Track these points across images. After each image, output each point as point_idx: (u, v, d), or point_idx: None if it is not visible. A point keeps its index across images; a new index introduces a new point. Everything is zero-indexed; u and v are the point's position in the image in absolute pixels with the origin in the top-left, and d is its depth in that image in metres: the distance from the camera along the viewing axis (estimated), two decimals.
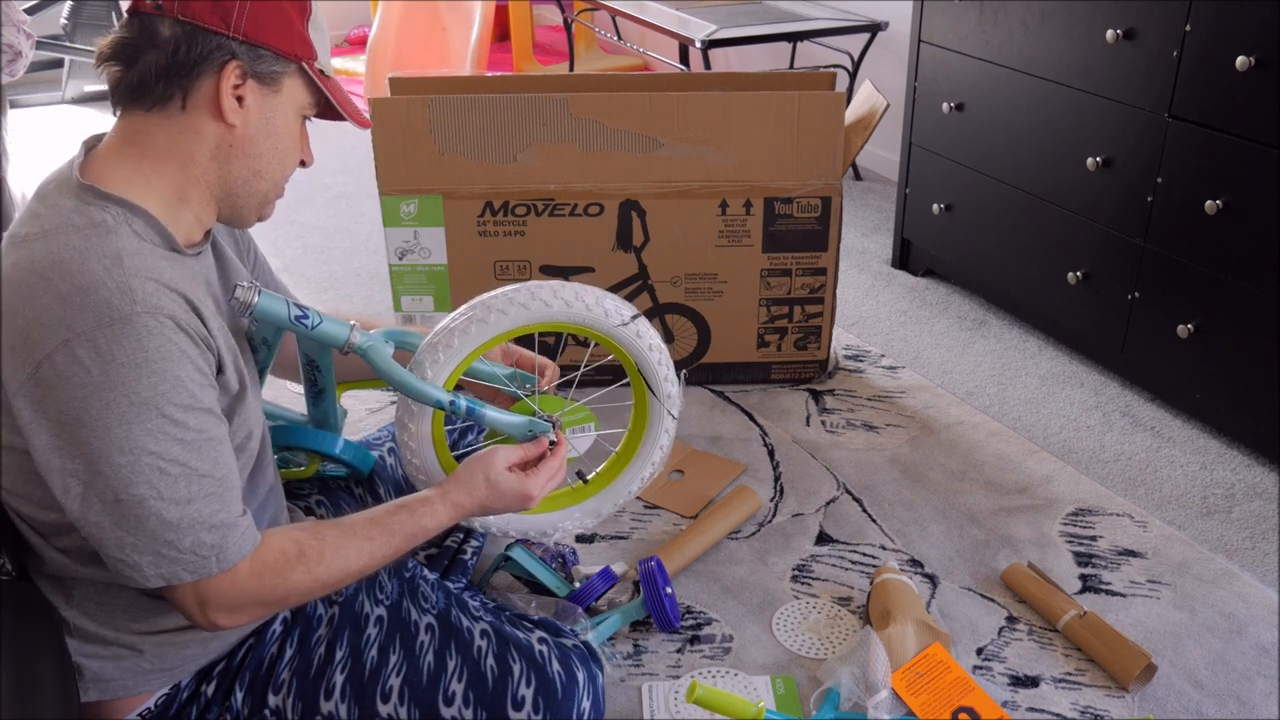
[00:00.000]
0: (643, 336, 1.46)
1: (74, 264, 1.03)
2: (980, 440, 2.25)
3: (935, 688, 1.56)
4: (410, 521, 1.25)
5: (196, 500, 1.07)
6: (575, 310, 1.40)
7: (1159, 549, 1.91)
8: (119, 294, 1.03)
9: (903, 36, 3.48)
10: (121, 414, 1.02)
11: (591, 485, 1.58)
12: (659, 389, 1.51)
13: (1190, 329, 2.17)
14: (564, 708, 1.29)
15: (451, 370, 1.39)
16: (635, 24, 4.14)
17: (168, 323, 1.05)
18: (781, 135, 2.21)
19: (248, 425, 1.21)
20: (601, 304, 1.42)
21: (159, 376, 1.03)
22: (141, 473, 1.03)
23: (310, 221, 3.45)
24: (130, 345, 1.02)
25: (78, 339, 1.01)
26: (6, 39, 2.39)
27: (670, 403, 1.52)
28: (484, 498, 1.31)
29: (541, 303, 1.38)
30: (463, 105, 2.18)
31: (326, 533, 1.19)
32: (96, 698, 1.19)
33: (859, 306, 2.88)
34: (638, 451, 1.56)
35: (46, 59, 4.65)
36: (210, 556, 1.08)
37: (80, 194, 1.09)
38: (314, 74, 1.19)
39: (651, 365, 1.48)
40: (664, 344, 1.50)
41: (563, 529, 1.56)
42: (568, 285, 1.40)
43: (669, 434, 1.56)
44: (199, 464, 1.07)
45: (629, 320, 1.44)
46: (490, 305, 1.38)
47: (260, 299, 1.20)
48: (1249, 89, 1.96)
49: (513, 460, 1.34)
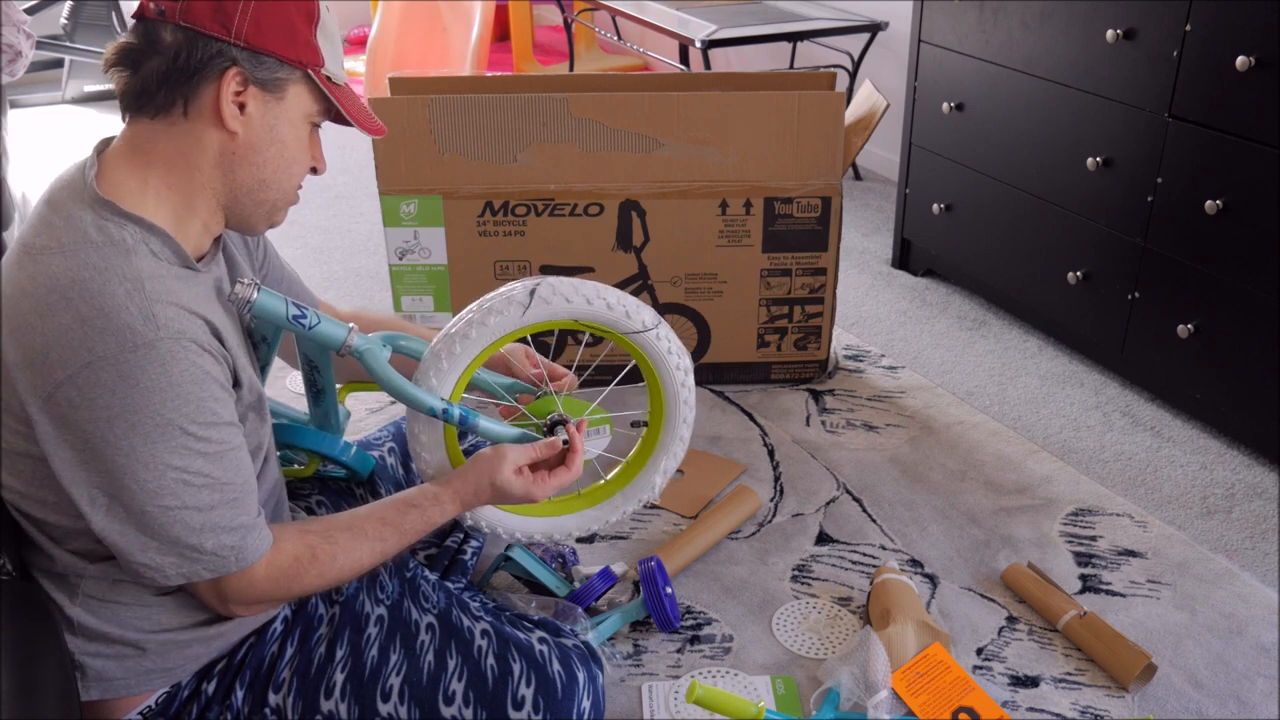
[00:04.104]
0: (663, 341, 1.43)
1: (95, 285, 1.04)
2: (980, 440, 2.25)
3: (935, 688, 1.56)
4: (420, 519, 1.29)
5: (219, 507, 1.10)
6: (596, 309, 1.37)
7: (1159, 549, 1.91)
8: (142, 320, 1.04)
9: (903, 36, 3.49)
10: (146, 434, 1.04)
11: (605, 488, 1.58)
12: (674, 399, 1.49)
13: (1190, 329, 2.17)
14: (564, 707, 1.29)
15: (466, 365, 1.37)
16: (635, 24, 4.14)
17: (191, 346, 1.06)
18: (781, 135, 2.21)
19: (258, 435, 1.23)
20: (624, 304, 1.39)
21: (183, 399, 1.05)
22: (167, 486, 1.06)
23: (310, 221, 3.45)
24: (154, 370, 1.03)
25: (100, 362, 1.02)
26: (6, 39, 2.39)
27: (686, 409, 1.51)
28: (489, 498, 1.35)
29: (563, 298, 1.35)
30: (463, 105, 2.18)
31: (339, 536, 1.23)
32: (98, 696, 1.19)
33: (859, 306, 2.88)
34: (654, 453, 1.55)
35: (46, 59, 4.65)
36: (230, 557, 1.12)
37: (96, 208, 1.09)
38: (320, 81, 1.17)
39: (670, 372, 1.46)
40: (686, 353, 1.48)
41: (578, 531, 1.56)
42: (587, 283, 1.38)
43: (683, 440, 1.54)
44: (221, 474, 1.10)
45: (652, 326, 1.41)
46: (511, 297, 1.34)
47: (259, 296, 1.20)
48: (1249, 89, 1.96)
49: (522, 462, 1.34)
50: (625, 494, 1.56)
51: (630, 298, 1.41)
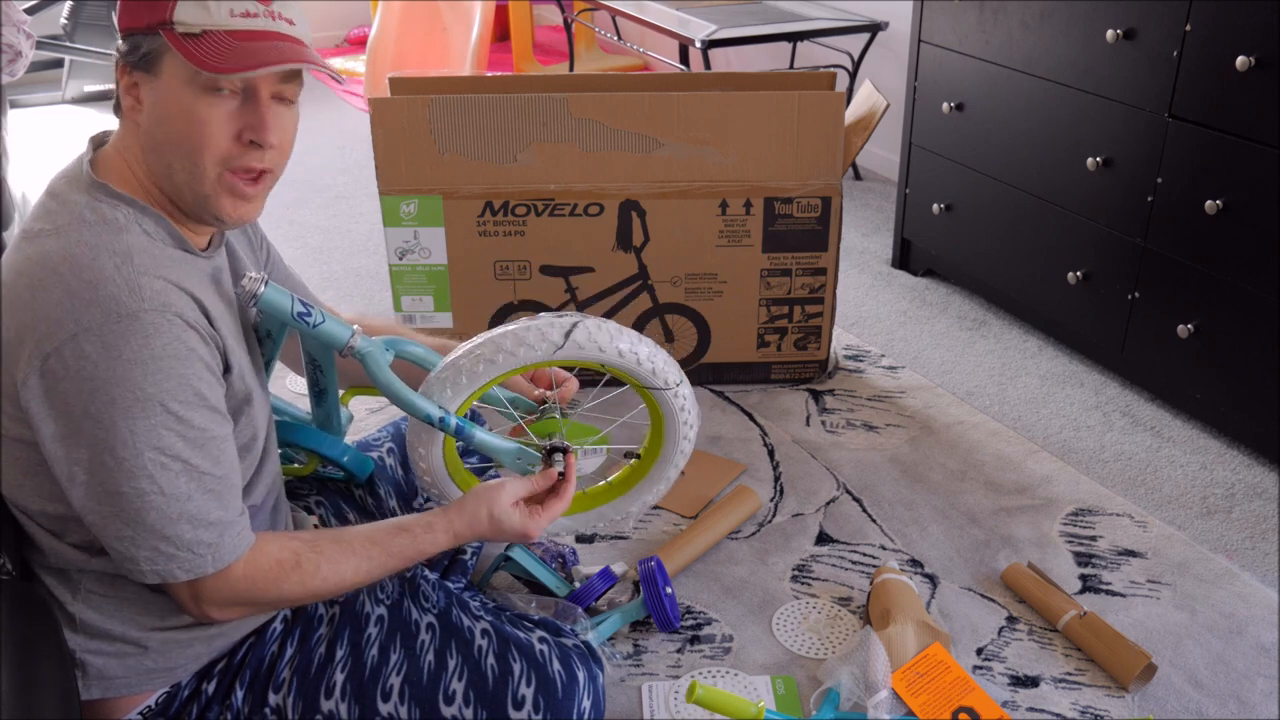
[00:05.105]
0: (679, 399, 1.43)
1: (85, 260, 1.05)
2: (980, 440, 2.25)
3: (935, 688, 1.56)
4: (410, 545, 1.27)
5: (195, 497, 1.08)
6: (626, 362, 1.36)
7: (1159, 549, 1.91)
8: (127, 291, 1.04)
9: (903, 36, 3.49)
10: (126, 409, 1.04)
11: (582, 501, 1.58)
12: (673, 448, 1.49)
13: (1190, 329, 2.17)
14: (564, 707, 1.29)
15: (481, 387, 1.36)
16: (635, 24, 4.14)
17: (176, 320, 1.06)
18: (781, 135, 2.21)
19: (254, 426, 1.22)
20: (653, 360, 1.38)
21: (164, 374, 1.05)
22: (143, 467, 1.05)
23: (310, 221, 3.45)
24: (136, 342, 1.04)
25: (85, 333, 1.03)
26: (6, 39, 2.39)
27: (681, 458, 1.51)
28: (485, 531, 1.31)
29: (596, 346, 1.33)
30: (463, 105, 2.18)
31: (325, 546, 1.21)
32: (99, 695, 1.19)
33: (859, 306, 2.88)
34: (637, 485, 1.56)
35: (46, 59, 4.64)
36: (206, 555, 1.10)
37: (91, 190, 1.12)
38: (170, 39, 1.06)
39: (678, 427, 1.46)
40: (697, 409, 1.47)
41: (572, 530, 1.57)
42: (624, 332, 1.36)
43: (669, 482, 1.55)
44: (200, 461, 1.09)
45: (674, 385, 1.41)
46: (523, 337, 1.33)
47: (265, 290, 1.20)
48: (1249, 89, 1.96)
49: (520, 495, 1.33)
50: (600, 512, 1.58)
51: (662, 354, 1.40)
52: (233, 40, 1.07)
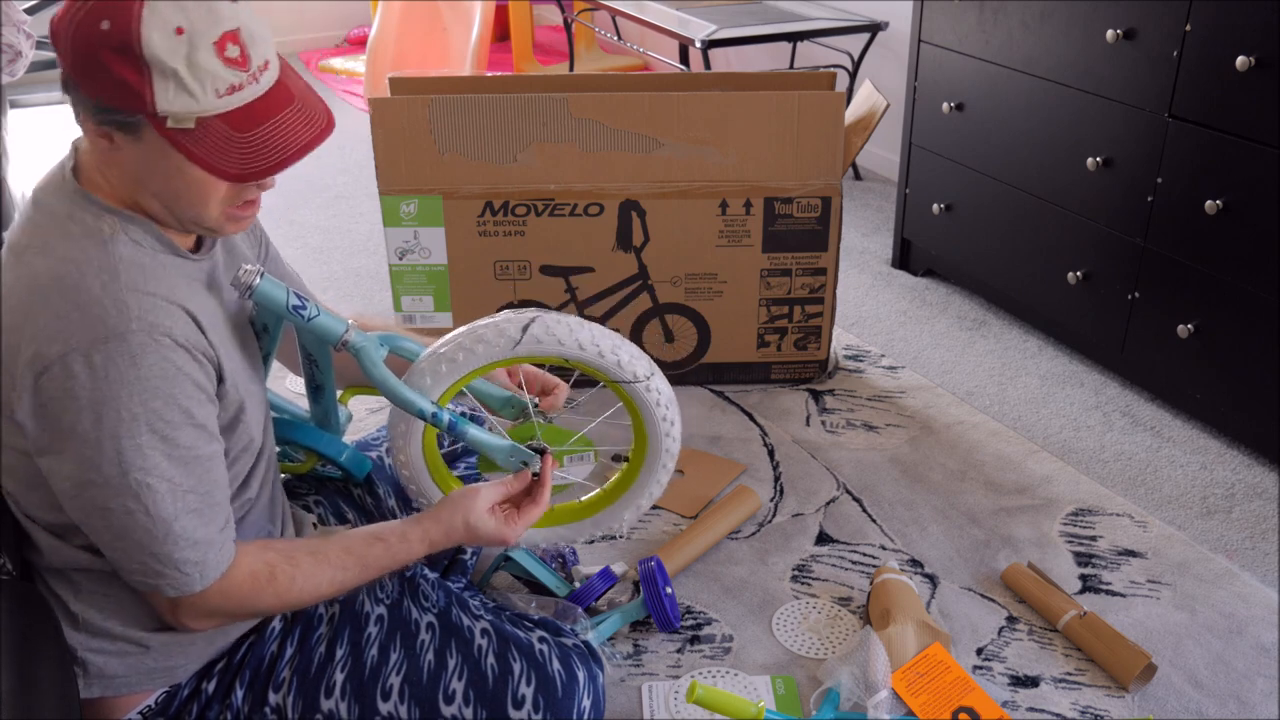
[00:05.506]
0: (653, 393, 1.42)
1: (72, 280, 1.05)
2: (980, 440, 2.25)
3: (935, 688, 1.56)
4: (385, 555, 1.27)
5: (181, 516, 1.09)
6: (587, 355, 1.36)
7: (1159, 549, 1.91)
8: (115, 310, 1.05)
9: (903, 36, 3.48)
10: (113, 429, 1.04)
11: (578, 510, 1.58)
12: (657, 446, 1.48)
13: (1190, 329, 2.17)
14: (564, 707, 1.29)
15: (450, 385, 1.36)
16: (635, 24, 4.14)
17: (164, 340, 1.06)
18: (781, 135, 2.21)
19: (249, 433, 1.22)
20: (617, 353, 1.37)
21: (151, 393, 1.05)
22: (129, 486, 1.06)
23: (310, 221, 3.45)
24: (123, 362, 1.04)
25: (73, 353, 1.03)
26: (6, 39, 2.39)
27: (668, 457, 1.50)
28: (461, 538, 1.32)
29: (555, 340, 1.33)
30: (463, 105, 2.18)
31: (301, 559, 1.21)
32: (99, 694, 1.19)
33: (859, 306, 2.88)
34: (628, 490, 1.55)
35: (46, 59, 4.63)
36: (194, 575, 1.12)
37: (75, 199, 1.10)
38: (161, 133, 1.02)
39: (657, 423, 1.45)
40: (675, 404, 1.46)
41: (543, 543, 1.57)
42: (586, 325, 1.36)
43: (660, 485, 1.54)
44: (185, 480, 1.09)
45: (644, 378, 1.40)
46: (502, 330, 1.34)
47: (261, 283, 1.20)
48: (1249, 89, 1.96)
49: (495, 500, 1.33)
50: (595, 520, 1.58)
51: (627, 346, 1.39)
52: (231, 131, 1.03)
